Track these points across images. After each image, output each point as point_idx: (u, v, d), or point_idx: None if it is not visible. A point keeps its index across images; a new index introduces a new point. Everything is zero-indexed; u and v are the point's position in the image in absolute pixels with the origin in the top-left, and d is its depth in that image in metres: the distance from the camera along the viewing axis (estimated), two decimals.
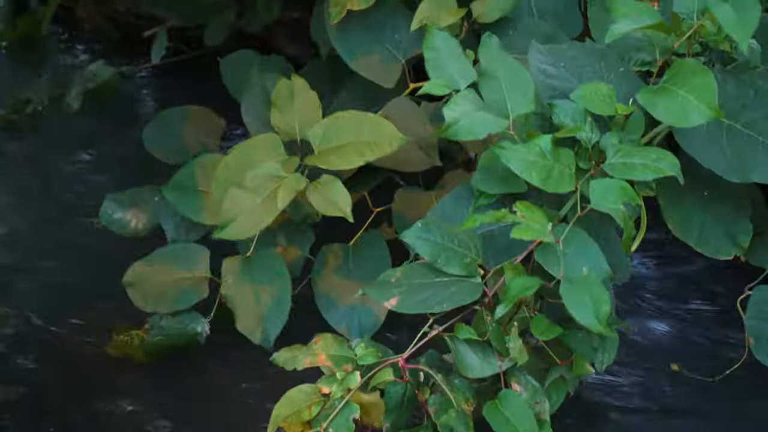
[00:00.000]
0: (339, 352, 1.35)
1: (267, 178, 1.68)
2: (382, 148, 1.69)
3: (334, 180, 1.67)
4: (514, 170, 1.31)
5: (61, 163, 2.40)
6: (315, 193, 1.67)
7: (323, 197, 1.67)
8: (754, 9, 1.32)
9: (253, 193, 1.67)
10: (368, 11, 1.87)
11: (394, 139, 1.69)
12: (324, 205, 1.66)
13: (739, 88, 1.48)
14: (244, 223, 1.68)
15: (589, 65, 1.50)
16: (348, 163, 1.69)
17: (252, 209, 1.67)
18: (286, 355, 1.37)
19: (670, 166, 1.31)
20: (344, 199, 1.65)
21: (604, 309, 1.21)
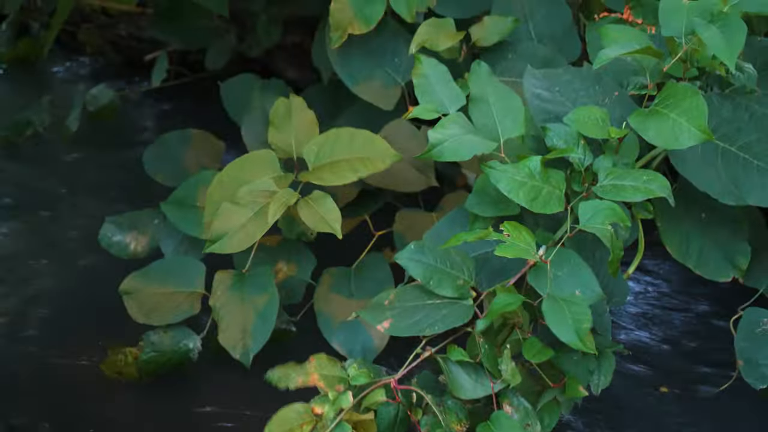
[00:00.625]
0: (332, 372, 1.35)
1: (259, 193, 1.68)
2: (375, 165, 1.70)
3: (325, 196, 1.68)
4: (502, 190, 1.32)
5: (61, 185, 2.41)
6: (305, 209, 1.68)
7: (313, 213, 1.67)
8: (740, 30, 1.33)
9: (245, 207, 1.68)
10: (369, 35, 1.89)
11: (387, 155, 1.70)
12: (314, 220, 1.66)
13: (734, 111, 1.48)
14: (236, 238, 1.68)
15: (584, 89, 1.51)
16: (341, 179, 1.70)
17: (243, 224, 1.68)
18: (280, 373, 1.37)
19: (660, 187, 1.31)
20: (334, 216, 1.66)
21: (585, 326, 1.21)
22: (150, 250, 1.94)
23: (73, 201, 2.34)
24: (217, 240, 1.68)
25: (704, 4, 1.39)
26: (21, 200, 2.36)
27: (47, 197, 2.37)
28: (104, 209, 2.08)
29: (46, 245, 2.20)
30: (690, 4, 1.40)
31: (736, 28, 1.33)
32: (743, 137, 1.46)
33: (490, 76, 1.48)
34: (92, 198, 2.34)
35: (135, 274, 1.81)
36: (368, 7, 1.87)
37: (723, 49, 1.31)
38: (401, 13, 1.87)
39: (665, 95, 1.37)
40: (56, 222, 2.28)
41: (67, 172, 2.45)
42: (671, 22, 1.39)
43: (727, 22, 1.34)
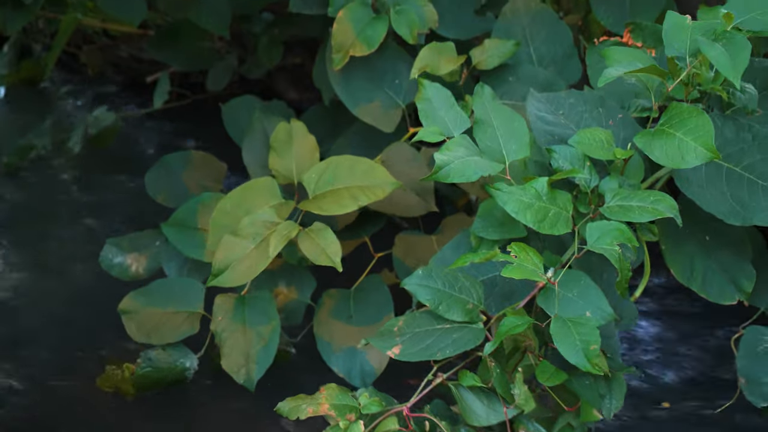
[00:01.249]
0: (343, 401, 1.34)
1: (260, 224, 1.69)
2: (375, 193, 1.70)
3: (325, 229, 1.68)
4: (509, 212, 1.31)
5: (62, 206, 2.41)
6: (306, 241, 1.68)
7: (314, 245, 1.67)
8: (744, 49, 1.33)
9: (246, 239, 1.68)
10: (370, 57, 1.90)
11: (387, 184, 1.70)
12: (314, 253, 1.67)
13: (737, 132, 1.48)
14: (238, 271, 1.68)
15: (587, 112, 1.51)
16: (342, 207, 1.70)
17: (245, 256, 1.68)
18: (291, 405, 1.36)
19: (668, 208, 1.31)
20: (334, 249, 1.66)
21: (593, 347, 1.21)
22: (151, 271, 1.94)
23: (74, 222, 2.34)
24: (220, 273, 1.68)
25: (708, 23, 1.40)
26: (22, 220, 2.37)
27: (48, 218, 2.37)
28: (105, 230, 2.08)
29: (48, 266, 2.20)
30: (694, 24, 1.41)
31: (741, 46, 1.33)
32: (747, 158, 1.46)
33: (494, 98, 1.48)
34: (93, 219, 2.35)
35: (134, 293, 1.81)
36: (370, 28, 1.88)
37: (728, 67, 1.32)
38: (403, 35, 1.88)
39: (670, 115, 1.37)
40: (57, 243, 2.29)
41: (68, 192, 2.45)
42: (675, 42, 1.40)
43: (732, 40, 1.34)
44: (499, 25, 1.97)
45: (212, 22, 2.28)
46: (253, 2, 2.42)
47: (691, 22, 1.41)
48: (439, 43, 1.87)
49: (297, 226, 1.68)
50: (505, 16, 1.97)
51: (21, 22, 2.02)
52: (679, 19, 1.42)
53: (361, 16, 1.89)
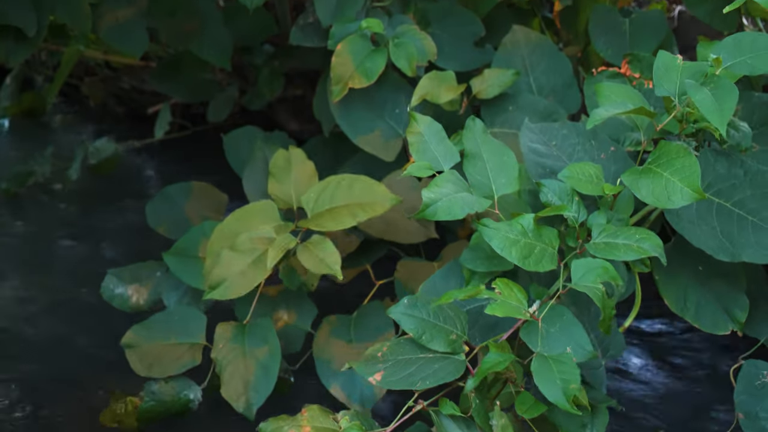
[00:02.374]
0: (324, 424, 1.34)
1: (259, 240, 1.69)
2: (374, 209, 1.70)
3: (324, 239, 1.68)
4: (495, 248, 1.32)
5: (63, 236, 2.42)
6: (305, 253, 1.68)
7: (312, 256, 1.67)
8: (731, 94, 1.33)
9: (244, 254, 1.68)
10: (370, 88, 1.91)
11: (386, 200, 1.71)
12: (313, 263, 1.66)
13: (729, 168, 1.49)
14: (235, 284, 1.68)
15: (580, 144, 1.52)
16: (340, 224, 1.70)
17: (243, 270, 1.68)
18: (273, 426, 1.37)
19: (653, 246, 1.32)
20: (333, 258, 1.66)
21: (573, 386, 1.21)
22: (152, 302, 1.94)
23: (75, 253, 2.35)
24: (217, 286, 1.68)
25: (697, 65, 1.40)
26: (22, 251, 2.37)
27: (49, 249, 2.38)
28: (106, 261, 2.09)
29: (48, 297, 2.20)
30: (684, 65, 1.41)
31: (728, 91, 1.33)
32: (738, 193, 1.46)
33: (485, 132, 1.49)
34: (94, 250, 2.35)
35: (136, 326, 1.81)
36: (369, 61, 1.89)
37: (714, 113, 1.32)
38: (402, 68, 1.89)
39: (659, 154, 1.38)
40: (58, 274, 2.29)
41: (69, 223, 2.46)
42: (665, 83, 1.40)
43: (719, 84, 1.34)
44: (499, 56, 1.98)
45: (214, 54, 2.30)
46: (254, 34, 2.44)
47: (681, 63, 1.42)
48: (439, 72, 1.89)
49: (294, 238, 1.68)
50: (505, 47, 1.99)
51: (23, 54, 2.04)
52: (669, 59, 1.42)
53: (360, 48, 1.90)
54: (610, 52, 2.03)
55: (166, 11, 2.27)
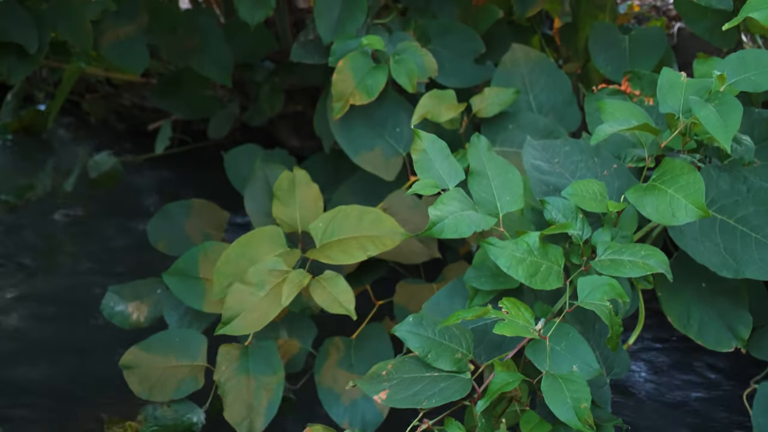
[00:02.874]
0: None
1: (269, 272, 1.68)
2: (384, 243, 1.69)
3: (337, 276, 1.67)
4: (501, 267, 1.32)
5: (62, 253, 2.41)
6: (318, 290, 1.67)
7: (326, 294, 1.66)
8: (736, 110, 1.33)
9: (256, 288, 1.67)
10: (370, 106, 1.91)
11: (395, 234, 1.70)
12: (327, 302, 1.66)
13: (732, 184, 1.48)
14: (248, 319, 1.66)
15: (583, 161, 1.51)
16: (350, 257, 1.69)
17: (255, 304, 1.66)
18: None
19: (658, 263, 1.31)
20: (347, 297, 1.65)
21: (584, 405, 1.20)
22: (152, 320, 1.93)
23: (75, 270, 2.34)
24: (230, 321, 1.67)
25: (701, 82, 1.40)
26: (22, 268, 2.36)
27: (49, 266, 2.37)
28: (107, 278, 2.08)
29: (48, 314, 2.19)
30: (688, 82, 1.41)
31: (732, 107, 1.34)
32: (741, 210, 1.46)
33: (489, 149, 1.49)
34: (94, 267, 2.35)
35: (136, 347, 1.79)
36: (370, 78, 1.89)
37: (719, 129, 1.32)
38: (403, 84, 1.89)
39: (663, 171, 1.37)
40: (58, 290, 2.28)
41: (69, 239, 2.46)
42: (669, 99, 1.40)
43: (724, 101, 1.35)
44: (498, 73, 1.98)
45: (214, 70, 2.30)
46: (254, 51, 2.44)
47: (685, 80, 1.42)
48: (439, 91, 1.89)
49: (308, 274, 1.67)
50: (504, 65, 1.99)
51: (25, 71, 2.04)
52: (673, 76, 1.43)
53: (361, 65, 1.90)
54: (609, 68, 2.04)
55: (166, 28, 2.27)
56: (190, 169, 2.66)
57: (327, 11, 2.03)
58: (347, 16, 2.03)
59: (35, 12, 2.00)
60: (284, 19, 2.50)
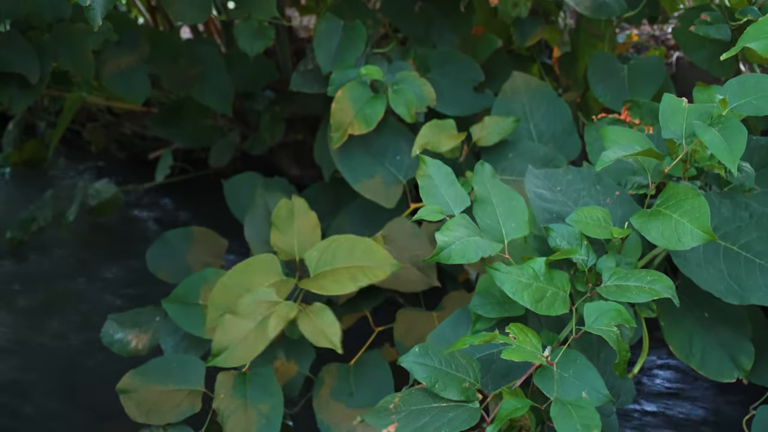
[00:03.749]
0: None
1: (260, 303, 1.68)
2: (375, 274, 1.69)
3: (324, 309, 1.67)
4: (507, 292, 1.31)
5: (62, 281, 2.41)
6: (305, 322, 1.67)
7: (313, 326, 1.66)
8: (740, 133, 1.34)
9: (246, 319, 1.67)
10: (370, 134, 1.91)
11: (387, 264, 1.70)
12: (313, 334, 1.66)
13: (734, 210, 1.48)
14: (238, 351, 1.67)
15: (585, 189, 1.52)
16: (342, 288, 1.69)
17: (244, 336, 1.66)
18: None
19: (665, 288, 1.31)
20: (333, 330, 1.65)
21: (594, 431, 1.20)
22: (151, 347, 1.93)
23: (74, 297, 2.34)
24: (220, 353, 1.67)
25: (703, 107, 1.41)
26: (21, 295, 2.36)
27: (49, 293, 2.36)
28: (106, 305, 2.08)
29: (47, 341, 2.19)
30: (690, 107, 1.42)
31: (737, 131, 1.34)
32: (744, 236, 1.46)
33: (494, 177, 1.49)
34: (94, 295, 2.34)
35: (133, 372, 1.78)
36: (368, 107, 1.90)
37: (724, 153, 1.32)
38: (401, 114, 1.90)
39: (667, 196, 1.37)
40: (58, 317, 2.27)
41: (70, 267, 2.45)
42: (671, 125, 1.41)
43: (728, 125, 1.35)
44: (498, 102, 1.99)
45: (215, 100, 2.31)
46: (255, 80, 2.45)
47: (687, 105, 1.43)
48: (439, 121, 1.89)
49: (296, 306, 1.67)
50: (504, 94, 2.00)
51: (26, 101, 2.04)
52: (675, 102, 1.43)
53: (359, 95, 1.91)
54: (609, 97, 2.05)
55: (168, 58, 2.28)
56: (190, 198, 2.67)
57: (326, 41, 2.04)
58: (347, 45, 2.04)
59: (37, 42, 2.01)
60: (284, 48, 2.51)
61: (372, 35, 2.15)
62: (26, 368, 2.10)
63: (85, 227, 2.44)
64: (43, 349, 2.17)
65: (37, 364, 2.12)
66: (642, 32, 2.77)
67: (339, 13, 2.13)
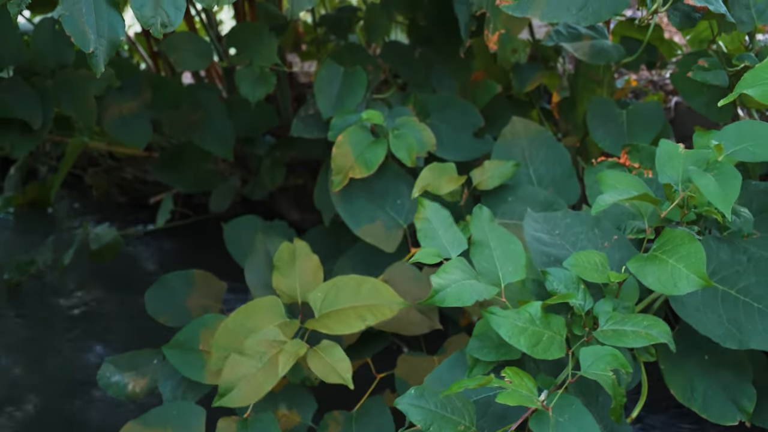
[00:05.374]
0: None
1: (267, 343, 1.67)
2: (382, 313, 1.69)
3: (334, 346, 1.67)
4: (503, 336, 1.31)
5: (62, 323, 2.40)
6: (315, 359, 1.66)
7: (323, 363, 1.65)
8: (735, 179, 1.34)
9: (253, 358, 1.66)
10: (370, 178, 1.92)
11: (393, 303, 1.70)
12: (324, 371, 1.65)
13: (732, 254, 1.48)
14: (245, 390, 1.65)
15: (583, 233, 1.52)
16: (348, 327, 1.69)
17: (252, 375, 1.65)
18: None
19: (661, 333, 1.31)
20: (344, 366, 1.64)
21: None
22: (148, 390, 1.92)
23: (73, 339, 2.33)
24: (226, 393, 1.65)
25: (699, 152, 1.42)
26: (21, 338, 2.36)
27: (48, 335, 2.36)
28: (105, 348, 2.07)
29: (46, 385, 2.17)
30: (686, 153, 1.43)
31: (731, 177, 1.35)
32: (742, 280, 1.46)
33: (492, 220, 1.50)
34: (93, 337, 2.33)
35: (133, 422, 1.75)
36: (369, 152, 1.91)
37: (718, 198, 1.33)
38: (402, 159, 1.91)
39: (663, 241, 1.38)
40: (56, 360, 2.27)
41: (69, 310, 2.45)
42: (667, 170, 1.42)
43: (723, 170, 1.36)
44: (498, 146, 2.00)
45: (216, 145, 2.33)
46: (255, 126, 2.47)
47: (683, 151, 1.44)
48: (439, 164, 1.90)
49: (304, 344, 1.66)
50: (504, 138, 2.00)
51: (29, 146, 2.06)
52: (671, 148, 1.44)
53: (360, 139, 1.92)
54: (608, 142, 2.06)
55: (169, 103, 2.30)
56: (190, 242, 2.67)
57: (327, 87, 2.06)
58: (347, 91, 2.06)
59: (40, 88, 2.03)
60: (285, 93, 2.53)
61: (372, 81, 2.16)
62: (21, 413, 2.09)
63: (85, 271, 2.44)
64: (39, 392, 2.16)
65: (33, 408, 2.10)
66: (640, 77, 2.79)
67: (339, 59, 2.15)
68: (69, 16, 1.47)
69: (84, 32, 1.48)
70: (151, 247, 2.75)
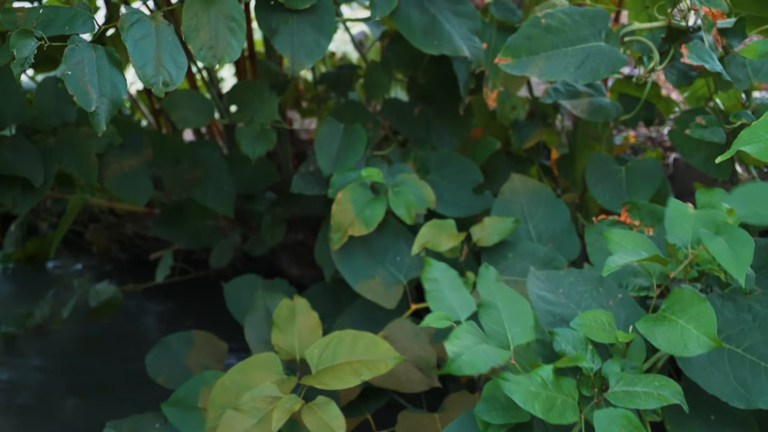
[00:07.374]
0: None
1: (262, 399, 1.66)
2: (378, 368, 1.68)
3: (329, 402, 1.65)
4: (518, 402, 1.30)
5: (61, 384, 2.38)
6: (309, 416, 1.64)
7: (318, 419, 1.64)
8: (748, 243, 1.35)
9: (248, 415, 1.65)
10: (370, 235, 1.93)
11: (390, 358, 1.69)
12: (319, 427, 1.63)
13: (737, 313, 1.48)
14: None
15: (587, 291, 1.52)
16: (344, 383, 1.67)
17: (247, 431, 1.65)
18: None
19: (673, 393, 1.30)
20: (339, 422, 1.63)
21: None
22: None
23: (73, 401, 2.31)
24: None
25: (708, 213, 1.43)
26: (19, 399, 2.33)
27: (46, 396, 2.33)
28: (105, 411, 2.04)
29: None
30: (696, 213, 1.43)
31: (744, 241, 1.35)
32: (748, 339, 1.46)
33: (498, 280, 1.50)
34: (93, 399, 2.31)
35: None
36: (369, 209, 1.91)
37: (731, 263, 1.33)
38: (401, 216, 1.91)
39: (672, 301, 1.38)
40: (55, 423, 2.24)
41: (68, 371, 2.43)
42: (678, 231, 1.42)
43: (734, 234, 1.36)
44: (497, 203, 2.00)
45: (217, 202, 2.33)
46: (256, 182, 2.47)
47: (693, 212, 1.44)
48: (439, 221, 1.91)
49: (299, 399, 1.65)
50: (504, 195, 2.01)
51: (30, 203, 2.05)
52: (681, 208, 1.45)
53: (360, 196, 1.93)
54: (607, 198, 2.06)
55: (170, 160, 2.31)
56: (190, 299, 2.66)
57: (327, 144, 2.07)
58: (347, 148, 2.07)
59: (42, 146, 2.03)
60: (286, 150, 2.54)
61: (372, 138, 2.18)
62: None
63: (84, 327, 2.43)
64: None
65: None
66: (639, 134, 2.81)
67: (339, 116, 2.16)
68: (72, 76, 1.48)
69: (86, 91, 1.49)
70: (151, 304, 2.73)
